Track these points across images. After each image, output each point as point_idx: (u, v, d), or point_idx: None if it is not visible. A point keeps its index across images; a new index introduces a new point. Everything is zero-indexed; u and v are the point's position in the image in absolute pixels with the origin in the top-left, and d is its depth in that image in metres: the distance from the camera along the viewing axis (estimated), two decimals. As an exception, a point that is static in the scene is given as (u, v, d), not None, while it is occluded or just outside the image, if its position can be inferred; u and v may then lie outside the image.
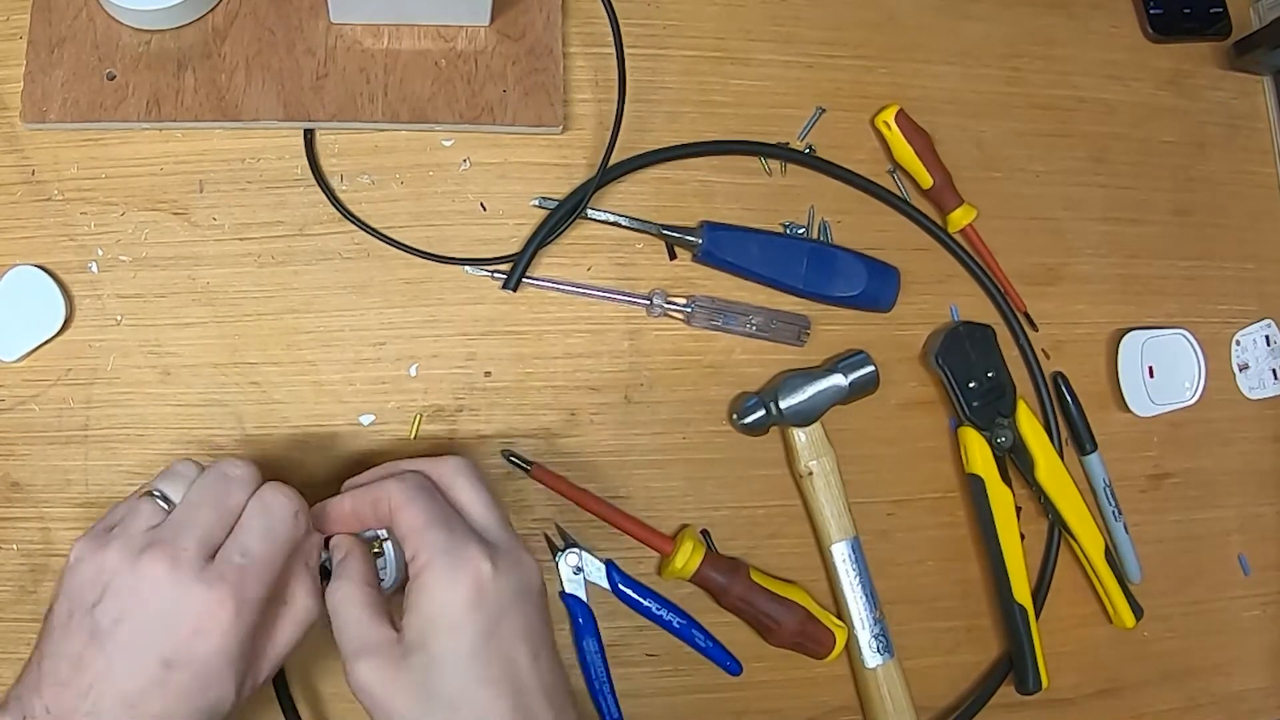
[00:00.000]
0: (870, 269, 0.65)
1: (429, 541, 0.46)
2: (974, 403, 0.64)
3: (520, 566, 0.48)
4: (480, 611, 0.45)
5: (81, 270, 0.58)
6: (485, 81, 0.61)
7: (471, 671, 0.45)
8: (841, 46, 0.69)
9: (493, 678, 0.45)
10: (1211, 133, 0.74)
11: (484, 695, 0.45)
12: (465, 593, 0.45)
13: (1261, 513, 0.71)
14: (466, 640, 0.45)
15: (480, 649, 0.45)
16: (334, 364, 0.59)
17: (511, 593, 0.46)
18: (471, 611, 0.45)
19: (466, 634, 0.45)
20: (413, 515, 0.47)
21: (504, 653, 0.46)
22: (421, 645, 0.45)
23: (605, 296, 0.63)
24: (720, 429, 0.63)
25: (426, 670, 0.45)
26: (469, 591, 0.45)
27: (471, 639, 0.45)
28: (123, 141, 0.59)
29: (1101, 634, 0.67)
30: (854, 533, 0.63)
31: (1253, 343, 0.73)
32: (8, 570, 0.55)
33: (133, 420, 0.57)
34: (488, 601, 0.46)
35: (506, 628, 0.46)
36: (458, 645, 0.45)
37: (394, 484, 0.48)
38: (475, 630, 0.45)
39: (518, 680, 0.46)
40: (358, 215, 0.60)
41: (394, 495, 0.48)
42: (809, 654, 0.61)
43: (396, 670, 0.45)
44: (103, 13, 0.59)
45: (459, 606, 0.45)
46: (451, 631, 0.45)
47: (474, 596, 0.45)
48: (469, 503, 0.50)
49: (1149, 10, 0.73)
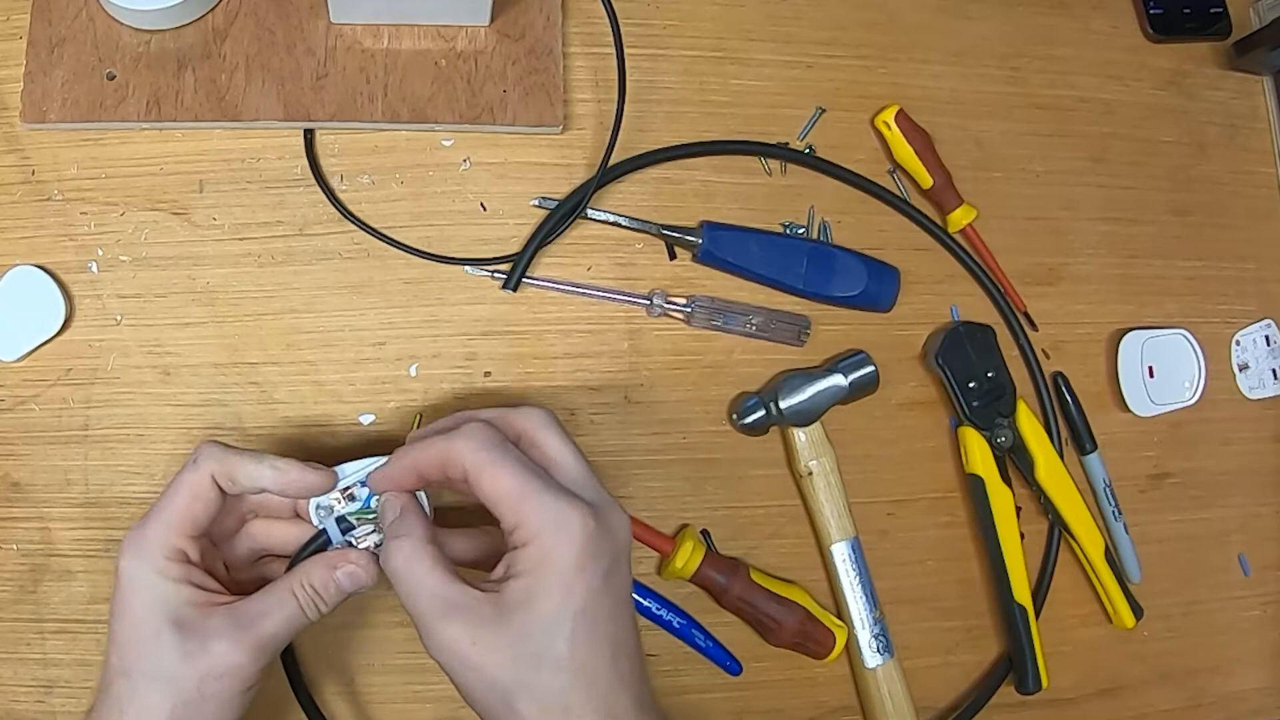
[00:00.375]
0: (870, 269, 0.65)
1: (530, 508, 0.45)
2: (974, 403, 0.64)
3: (616, 523, 0.46)
4: (590, 572, 0.44)
5: (81, 270, 0.58)
6: (485, 81, 0.61)
7: (580, 629, 0.44)
8: (841, 46, 0.69)
9: (599, 634, 0.44)
10: (1211, 133, 0.74)
11: (590, 652, 0.44)
12: (575, 553, 0.44)
13: (1261, 513, 0.71)
14: (578, 600, 0.44)
15: (590, 607, 0.44)
16: (334, 364, 0.59)
17: (613, 551, 0.45)
18: (581, 572, 0.44)
19: (578, 594, 0.44)
20: (502, 481, 0.45)
21: (609, 608, 0.45)
22: (527, 606, 0.44)
23: (605, 296, 0.63)
24: (720, 429, 0.63)
25: (532, 632, 0.43)
26: (578, 552, 0.44)
27: (583, 598, 0.44)
28: (123, 141, 0.59)
29: (1101, 634, 0.67)
30: (854, 533, 0.63)
31: (1253, 343, 0.73)
32: (8, 570, 0.55)
33: (133, 420, 0.57)
34: (596, 562, 0.44)
35: (612, 585, 0.45)
36: (568, 604, 0.44)
37: (465, 443, 0.46)
38: (586, 589, 0.44)
39: (618, 634, 0.45)
40: (358, 215, 0.60)
41: (469, 456, 0.45)
42: (809, 654, 0.61)
43: (492, 631, 0.44)
44: (103, 13, 0.59)
45: (570, 569, 0.44)
46: (563, 593, 0.44)
47: (582, 556, 0.44)
48: (559, 457, 0.48)
49: (1149, 10, 0.73)
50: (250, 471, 0.48)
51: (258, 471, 0.48)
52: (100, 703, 0.45)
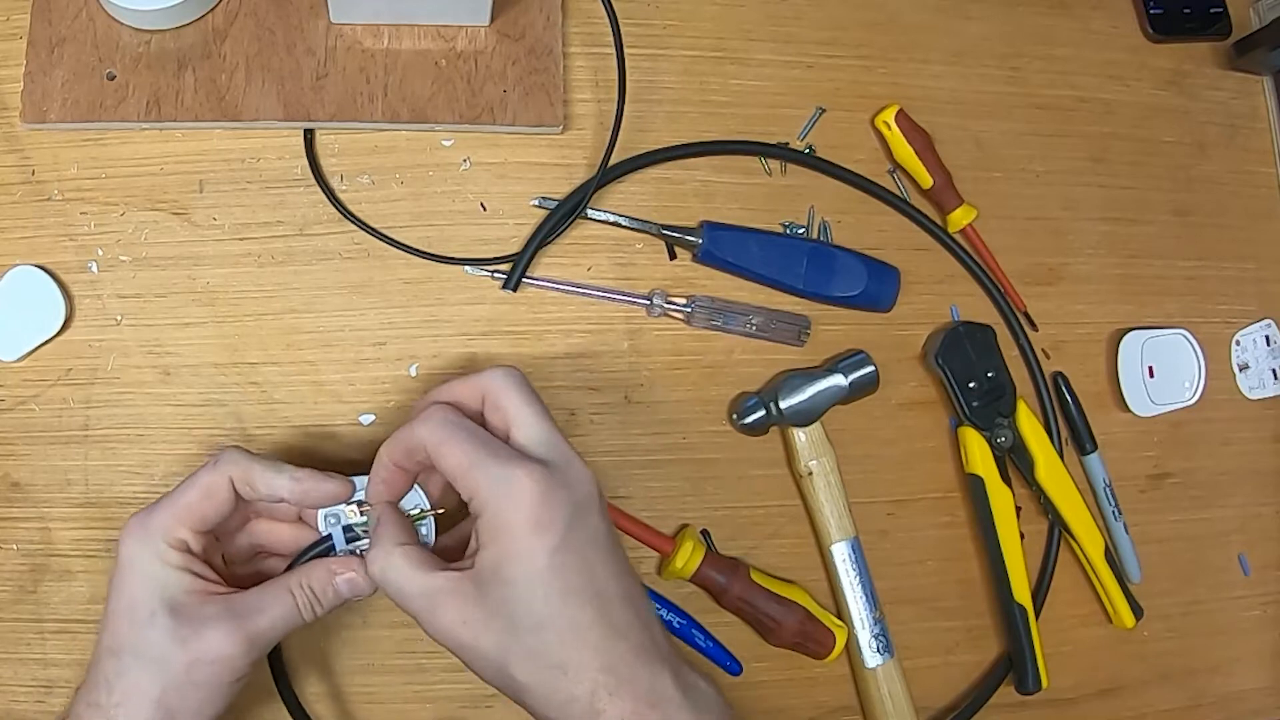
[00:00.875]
0: (870, 269, 0.65)
1: (479, 474, 0.45)
2: (974, 403, 0.64)
3: (574, 477, 0.47)
4: (546, 530, 0.45)
5: (81, 270, 0.58)
6: (485, 81, 0.61)
7: (552, 586, 0.44)
8: (841, 46, 0.69)
9: (572, 587, 0.44)
10: (1211, 133, 0.74)
11: (568, 607, 0.44)
12: (526, 516, 0.44)
13: (1261, 513, 0.71)
14: (541, 559, 0.44)
15: (556, 564, 0.44)
16: (334, 364, 0.59)
17: (571, 504, 0.46)
18: (537, 532, 0.44)
19: (538, 553, 0.44)
20: (454, 456, 0.46)
21: (579, 561, 0.45)
22: (495, 576, 0.45)
23: (605, 296, 0.63)
24: (720, 429, 0.63)
25: (506, 599, 0.44)
26: (529, 513, 0.44)
27: (545, 556, 0.44)
28: (123, 141, 0.59)
29: (1101, 634, 0.67)
30: (854, 533, 0.63)
31: (1253, 343, 0.73)
32: (8, 570, 0.55)
33: (133, 420, 0.57)
34: (551, 518, 0.45)
35: (575, 538, 0.45)
36: (532, 566, 0.44)
37: (421, 427, 0.47)
38: (545, 548, 0.44)
39: (597, 584, 0.45)
40: (358, 215, 0.60)
41: (427, 439, 0.47)
42: (809, 654, 0.61)
43: (476, 607, 0.45)
44: (103, 13, 0.59)
45: (524, 531, 0.44)
46: (524, 556, 0.44)
47: (535, 517, 0.44)
48: (519, 416, 0.48)
49: (1149, 10, 0.73)
50: (269, 480, 0.48)
51: (277, 481, 0.48)
52: (89, 680, 0.46)
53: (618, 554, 0.47)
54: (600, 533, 0.47)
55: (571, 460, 0.47)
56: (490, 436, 0.47)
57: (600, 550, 0.46)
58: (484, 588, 0.45)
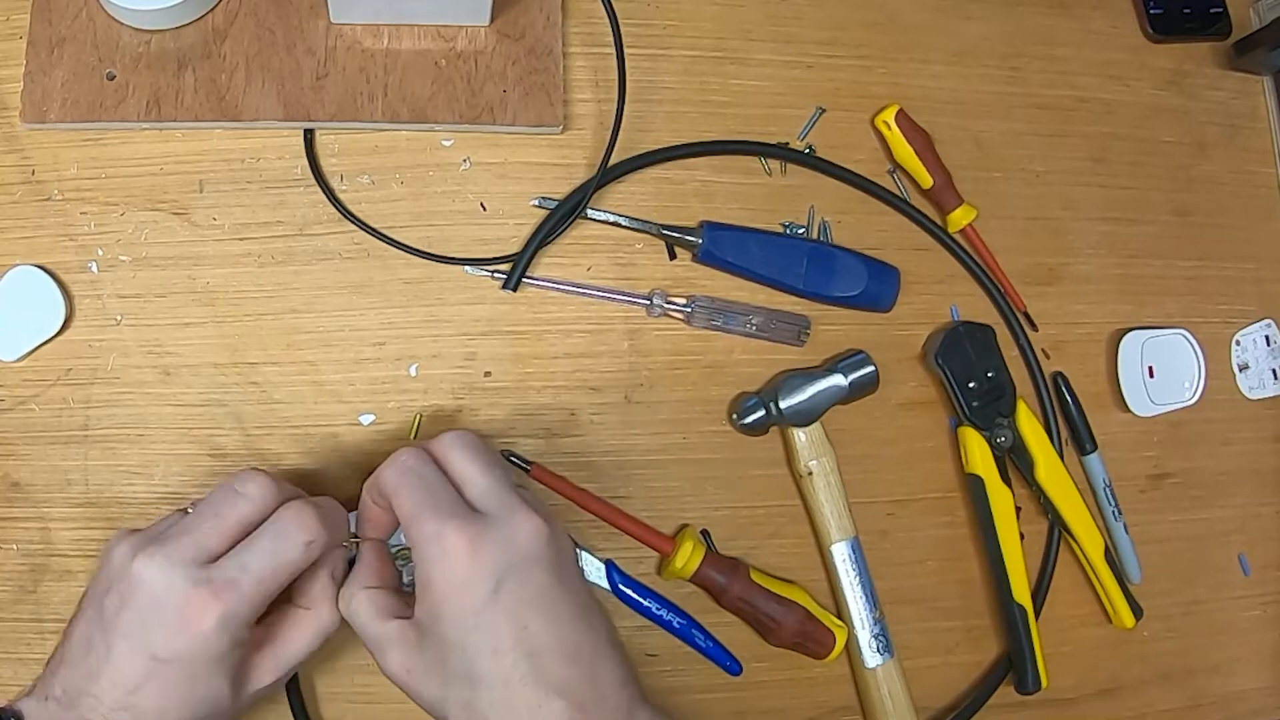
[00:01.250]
0: (870, 269, 0.65)
1: (417, 528, 0.47)
2: (974, 403, 0.64)
3: (513, 533, 0.47)
4: (471, 589, 0.45)
5: (81, 270, 0.58)
6: (485, 81, 0.61)
7: (481, 646, 0.45)
8: (841, 46, 0.69)
9: (502, 647, 0.45)
10: (1211, 133, 0.74)
11: (499, 666, 0.45)
12: (454, 571, 0.45)
13: (1261, 513, 0.71)
14: (467, 618, 0.45)
15: (483, 623, 0.45)
16: (334, 364, 0.59)
17: (504, 561, 0.46)
18: (465, 588, 0.45)
19: (466, 610, 0.45)
20: (402, 503, 0.48)
21: (508, 620, 0.45)
22: (431, 628, 0.46)
23: (605, 296, 0.63)
24: (720, 429, 0.63)
25: (440, 651, 0.46)
26: (457, 569, 0.45)
27: (471, 616, 0.45)
28: (123, 141, 0.59)
29: (1101, 634, 0.67)
30: (854, 533, 0.63)
31: (1253, 343, 0.73)
32: (8, 570, 0.55)
33: (133, 420, 0.57)
34: (478, 576, 0.45)
35: (506, 597, 0.45)
36: (459, 622, 0.45)
37: (386, 471, 0.49)
38: (470, 608, 0.45)
39: (531, 642, 0.45)
40: (358, 215, 0.60)
41: (388, 484, 0.48)
42: (809, 654, 0.61)
43: (417, 655, 0.46)
44: (103, 13, 0.59)
45: (453, 585, 0.45)
46: (450, 615, 0.45)
47: (462, 576, 0.45)
48: (466, 474, 0.49)
49: (1149, 10, 0.73)
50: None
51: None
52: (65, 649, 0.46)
53: (565, 607, 0.47)
54: (542, 587, 0.47)
55: (515, 513, 0.47)
56: (442, 487, 0.48)
57: (538, 606, 0.46)
58: (424, 636, 0.47)
